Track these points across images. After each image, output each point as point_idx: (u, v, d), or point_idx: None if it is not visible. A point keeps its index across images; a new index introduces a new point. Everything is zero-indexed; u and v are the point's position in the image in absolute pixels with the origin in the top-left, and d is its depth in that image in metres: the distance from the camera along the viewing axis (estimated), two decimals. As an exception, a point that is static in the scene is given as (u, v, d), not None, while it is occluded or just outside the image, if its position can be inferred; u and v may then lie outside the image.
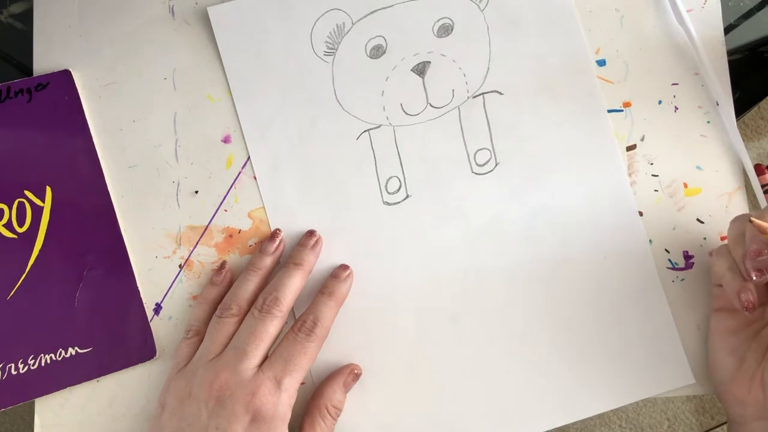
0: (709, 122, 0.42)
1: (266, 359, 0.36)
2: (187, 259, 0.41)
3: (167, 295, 0.41)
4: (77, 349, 0.40)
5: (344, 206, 0.42)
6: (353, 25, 0.42)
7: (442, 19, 0.43)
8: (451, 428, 0.40)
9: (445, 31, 0.43)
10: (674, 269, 0.41)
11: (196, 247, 0.41)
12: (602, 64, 0.43)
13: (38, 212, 0.41)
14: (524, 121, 0.42)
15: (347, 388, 0.39)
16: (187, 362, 0.38)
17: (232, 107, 0.42)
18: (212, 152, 0.42)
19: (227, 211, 0.42)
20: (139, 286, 0.41)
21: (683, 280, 0.41)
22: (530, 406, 0.40)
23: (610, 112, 0.42)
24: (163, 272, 0.41)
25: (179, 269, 0.41)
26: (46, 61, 0.42)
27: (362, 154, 0.42)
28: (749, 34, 0.44)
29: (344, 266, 0.41)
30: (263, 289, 0.39)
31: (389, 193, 0.42)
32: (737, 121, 0.42)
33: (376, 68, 0.42)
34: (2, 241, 0.40)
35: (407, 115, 0.42)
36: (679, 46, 0.43)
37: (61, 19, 0.43)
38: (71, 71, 0.42)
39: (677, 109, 0.43)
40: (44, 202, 0.41)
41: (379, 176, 0.42)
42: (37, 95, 0.42)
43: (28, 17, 0.43)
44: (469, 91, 0.42)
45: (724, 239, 0.41)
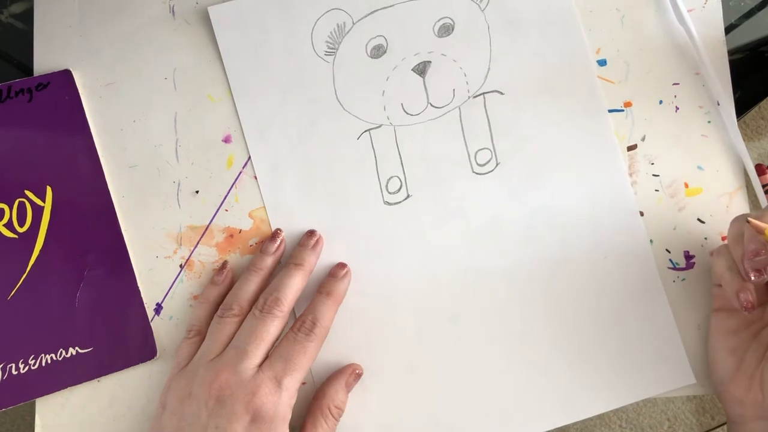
0: (709, 122, 0.42)
1: (266, 359, 0.36)
2: (187, 259, 0.41)
3: (168, 295, 0.41)
4: (78, 349, 0.40)
5: (345, 206, 0.42)
6: (354, 24, 0.42)
7: (442, 18, 0.43)
8: (451, 428, 0.40)
9: (445, 30, 0.43)
10: (675, 269, 0.41)
11: (196, 246, 0.41)
12: (603, 63, 0.43)
13: (39, 212, 0.41)
14: (525, 120, 0.42)
15: (349, 388, 0.39)
16: (188, 362, 0.38)
17: (232, 107, 0.42)
18: (213, 152, 0.42)
19: (228, 210, 0.42)
20: (139, 286, 0.41)
21: (684, 280, 0.41)
22: (530, 406, 0.40)
23: (610, 111, 0.42)
24: (163, 272, 0.41)
25: (180, 269, 0.41)
26: (46, 61, 0.42)
27: (363, 153, 0.42)
28: (750, 33, 0.44)
29: (341, 264, 0.41)
30: (264, 289, 0.39)
31: (390, 192, 0.42)
32: (738, 121, 0.42)
33: (376, 68, 0.42)
34: (3, 241, 0.40)
35: (408, 114, 0.42)
36: (679, 45, 0.43)
37: (61, 19, 0.43)
38: (72, 71, 0.42)
39: (678, 108, 0.42)
40: (45, 202, 0.41)
41: (379, 176, 0.42)
42: (37, 95, 0.42)
43: (28, 17, 0.43)
44: (469, 90, 0.42)
45: (724, 239, 0.41)
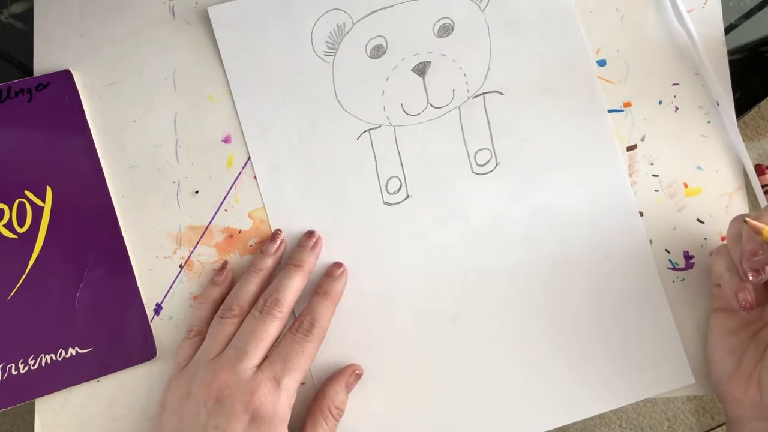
0: (709, 122, 0.42)
1: (266, 359, 0.36)
2: (187, 259, 0.41)
3: (168, 295, 0.41)
4: (77, 349, 0.40)
5: (344, 206, 0.42)
6: (353, 25, 0.42)
7: (442, 19, 0.43)
8: (451, 428, 0.40)
9: (445, 31, 0.43)
10: (675, 269, 0.41)
11: (196, 247, 0.41)
12: (603, 64, 0.43)
13: (38, 212, 0.41)
14: (525, 121, 0.42)
15: (349, 388, 0.39)
16: (188, 362, 0.38)
17: (232, 107, 0.42)
18: (212, 152, 0.42)
19: (227, 211, 0.42)
20: (139, 286, 0.41)
21: (684, 280, 0.41)
22: (530, 406, 0.40)
23: (610, 112, 0.42)
24: (163, 272, 0.41)
25: (180, 269, 0.41)
26: (46, 61, 0.42)
27: (362, 154, 0.42)
28: (750, 34, 0.44)
29: (338, 264, 0.41)
30: (265, 289, 0.39)
31: (389, 193, 0.42)
32: (738, 121, 0.42)
33: (376, 68, 0.42)
34: (2, 241, 0.40)
35: (408, 115, 0.42)
36: (679, 46, 0.43)
37: (61, 19, 0.43)
38: (71, 71, 0.42)
39: (678, 109, 0.43)
40: (44, 202, 0.41)
41: (379, 176, 0.42)
42: (37, 95, 0.42)
43: (28, 17, 0.43)
44: (469, 91, 0.42)
45: (724, 239, 0.41)
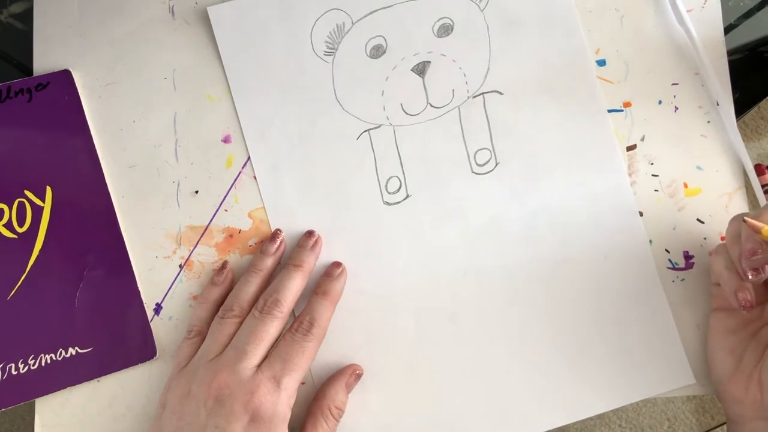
0: (709, 122, 0.42)
1: (265, 359, 0.36)
2: (187, 259, 0.41)
3: (167, 295, 0.41)
4: (77, 349, 0.40)
5: (344, 206, 0.42)
6: (353, 24, 0.42)
7: (442, 19, 0.43)
8: (451, 428, 0.40)
9: (445, 31, 0.43)
10: (674, 269, 0.41)
11: (196, 247, 0.41)
12: (602, 64, 0.43)
13: (38, 212, 0.41)
14: (524, 121, 0.42)
15: (349, 388, 0.39)
16: (188, 362, 0.38)
17: (232, 107, 0.42)
18: (212, 152, 0.42)
19: (227, 211, 0.42)
20: (139, 286, 0.41)
21: (683, 280, 0.41)
22: (530, 406, 0.40)
23: (610, 112, 0.42)
24: (163, 272, 0.41)
25: (179, 269, 0.41)
26: (46, 61, 0.42)
27: (362, 154, 0.42)
28: (749, 34, 0.44)
29: (336, 263, 0.41)
30: (265, 289, 0.39)
31: (389, 193, 0.42)
32: (737, 121, 0.42)
33: (376, 68, 0.42)
34: (2, 241, 0.40)
35: (407, 115, 0.42)
36: (679, 46, 0.43)
37: (61, 19, 0.43)
38: (71, 71, 0.42)
39: (677, 109, 0.43)
40: (44, 202, 0.41)
41: (379, 176, 0.42)
42: (37, 95, 0.42)
43: (28, 17, 0.43)
44: (469, 91, 0.42)
45: (723, 239, 0.41)
